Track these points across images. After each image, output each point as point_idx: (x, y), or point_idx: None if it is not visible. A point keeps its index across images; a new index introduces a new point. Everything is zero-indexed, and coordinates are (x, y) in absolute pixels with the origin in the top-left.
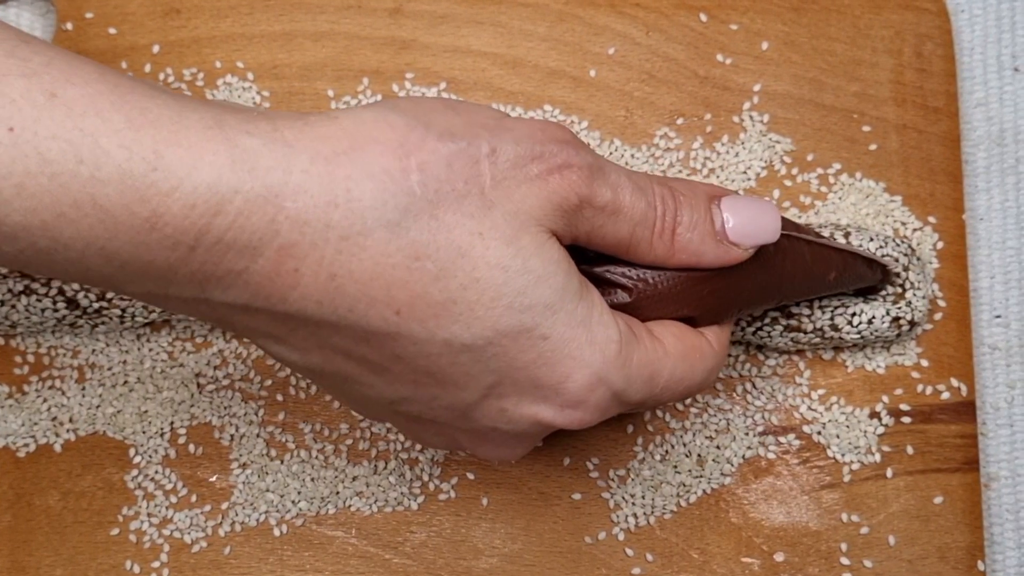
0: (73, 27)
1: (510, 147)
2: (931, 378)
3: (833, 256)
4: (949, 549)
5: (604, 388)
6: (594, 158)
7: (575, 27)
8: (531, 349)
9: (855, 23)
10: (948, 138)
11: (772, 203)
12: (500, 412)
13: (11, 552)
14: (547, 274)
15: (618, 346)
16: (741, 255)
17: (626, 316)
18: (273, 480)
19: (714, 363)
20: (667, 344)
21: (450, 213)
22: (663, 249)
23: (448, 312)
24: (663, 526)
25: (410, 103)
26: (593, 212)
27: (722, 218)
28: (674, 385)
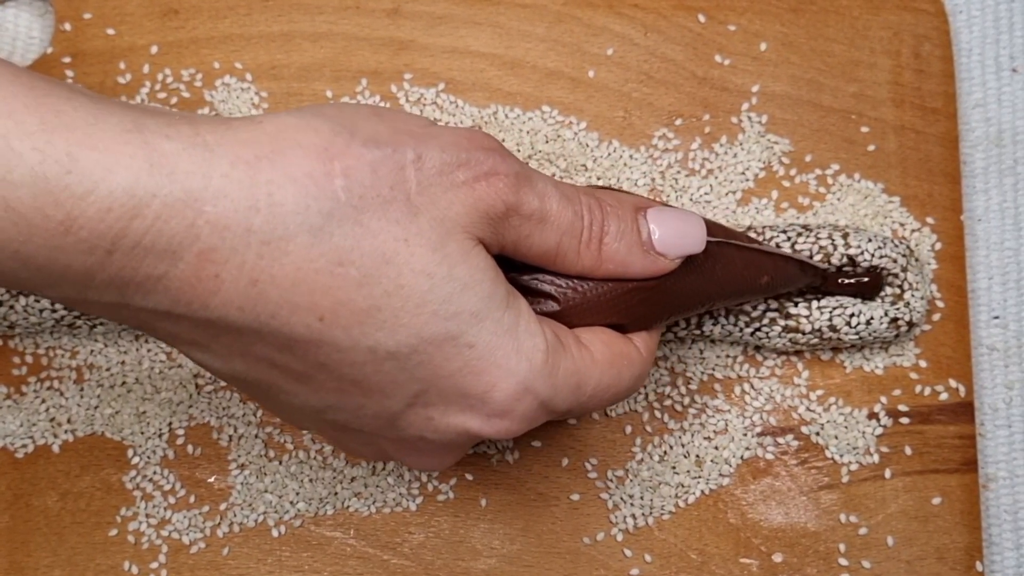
0: (71, 27)
1: (436, 154)
2: (929, 379)
3: (765, 260)
4: (947, 550)
5: (531, 397)
6: (520, 167)
7: (573, 28)
8: (457, 357)
9: (853, 24)
10: (946, 139)
11: (697, 215)
12: (427, 421)
13: (9, 553)
14: (473, 281)
15: (545, 355)
16: (668, 265)
17: (554, 324)
18: (271, 481)
19: (641, 369)
20: (595, 352)
21: (375, 219)
22: (590, 259)
23: (372, 319)
24: (661, 527)
25: (335, 109)
26: (520, 220)
27: (648, 229)
28: (601, 393)
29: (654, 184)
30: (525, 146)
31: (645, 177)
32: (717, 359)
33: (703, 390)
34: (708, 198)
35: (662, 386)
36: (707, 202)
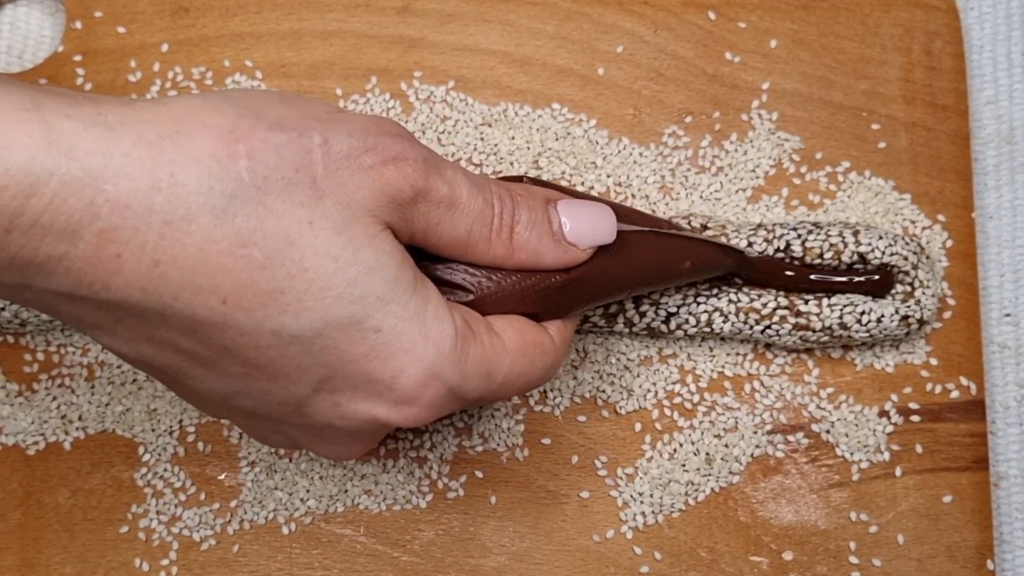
0: (82, 26)
1: (343, 138)
2: (940, 376)
3: (686, 246)
4: (958, 548)
5: (439, 384)
6: (429, 153)
7: (583, 25)
8: (362, 342)
9: (864, 21)
10: (957, 136)
11: (608, 207)
12: (334, 407)
13: (21, 550)
14: (379, 265)
15: (453, 341)
16: (580, 255)
17: (465, 311)
18: (282, 478)
19: (554, 358)
20: (507, 340)
21: (279, 201)
22: (502, 248)
23: (276, 301)
24: (671, 524)
25: (243, 93)
26: (429, 207)
27: (559, 219)
28: (513, 380)
29: (664, 182)
30: (535, 143)
31: (655, 175)
32: (727, 356)
33: (713, 388)
34: (718, 195)
35: (672, 384)
36: (717, 199)
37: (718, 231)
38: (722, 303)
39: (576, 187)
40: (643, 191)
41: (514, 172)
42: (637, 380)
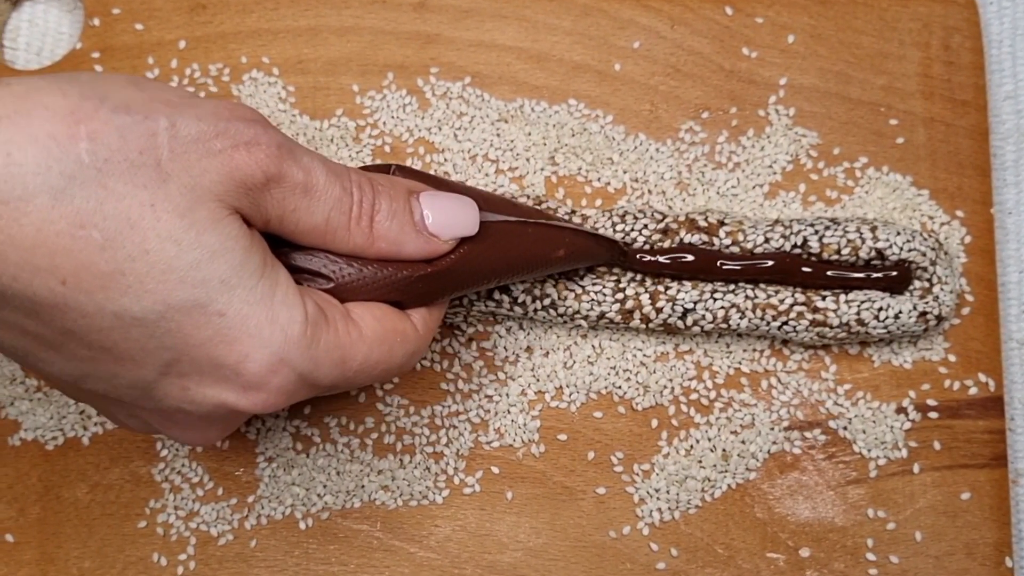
0: (100, 23)
1: (192, 122)
2: (958, 373)
3: (557, 235)
4: (976, 545)
5: (287, 370)
6: (284, 139)
7: (600, 21)
8: (207, 326)
9: (882, 16)
10: (976, 131)
11: (471, 200)
12: (183, 392)
13: (40, 544)
14: (223, 249)
15: (303, 327)
16: (442, 246)
17: (322, 298)
18: (299, 474)
19: (416, 346)
20: (364, 327)
21: (121, 183)
22: (361, 236)
23: (116, 284)
24: (688, 521)
25: (90, 76)
26: (283, 192)
27: (421, 211)
28: (370, 368)
29: (680, 178)
30: (551, 139)
31: (671, 171)
32: (744, 353)
33: (730, 384)
34: (735, 191)
35: (688, 380)
36: (734, 195)
37: (735, 227)
38: (739, 299)
39: (592, 183)
40: (660, 187)
41: (531, 169)
42: (653, 376)
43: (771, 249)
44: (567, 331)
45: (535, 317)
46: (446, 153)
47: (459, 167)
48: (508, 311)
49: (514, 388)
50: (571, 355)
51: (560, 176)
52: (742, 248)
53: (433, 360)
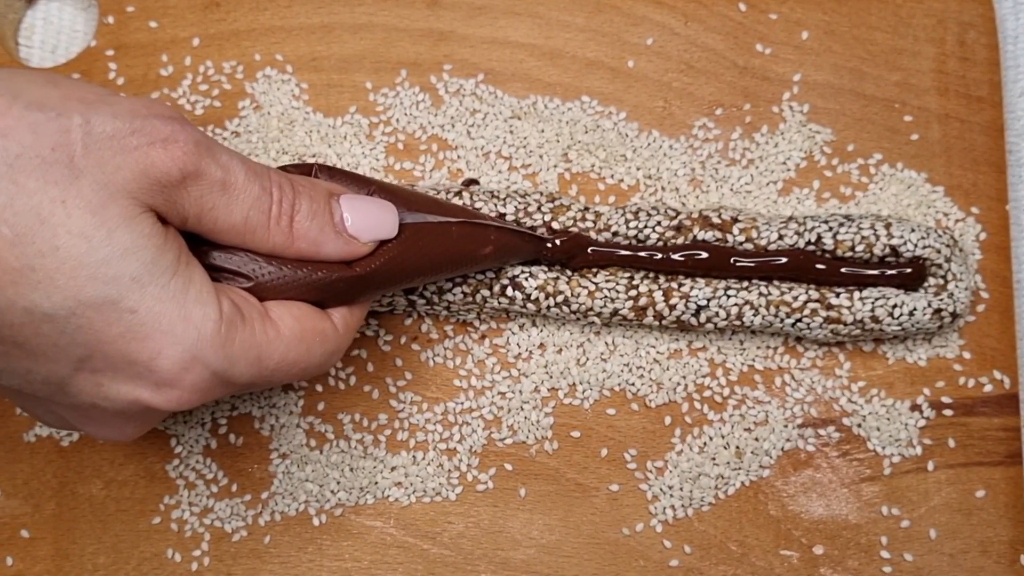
0: (114, 20)
1: (107, 120)
2: (973, 370)
3: (482, 233)
4: (991, 543)
5: (200, 367)
6: (203, 137)
7: (613, 18)
8: (118, 322)
9: (896, 11)
10: (991, 127)
11: (390, 204)
12: (96, 388)
13: (55, 540)
14: (135, 247)
15: (217, 325)
16: (361, 248)
17: (240, 296)
18: (312, 470)
19: (336, 345)
20: (282, 326)
21: (32, 179)
22: (281, 236)
23: (26, 279)
24: (701, 518)
25: (6, 74)
26: (201, 190)
27: (341, 213)
28: (287, 367)
29: (694, 174)
30: (564, 136)
31: (685, 167)
32: (757, 350)
33: (743, 381)
34: (749, 188)
35: (701, 377)
36: (747, 192)
37: (748, 224)
38: (752, 296)
39: (605, 180)
40: (673, 184)
41: (544, 166)
42: (667, 373)
43: (785, 246)
44: (580, 328)
45: (548, 314)
46: (459, 150)
47: (472, 164)
48: (521, 308)
49: (527, 385)
50: (584, 352)
51: (573, 173)
52: (756, 245)
53: (446, 357)
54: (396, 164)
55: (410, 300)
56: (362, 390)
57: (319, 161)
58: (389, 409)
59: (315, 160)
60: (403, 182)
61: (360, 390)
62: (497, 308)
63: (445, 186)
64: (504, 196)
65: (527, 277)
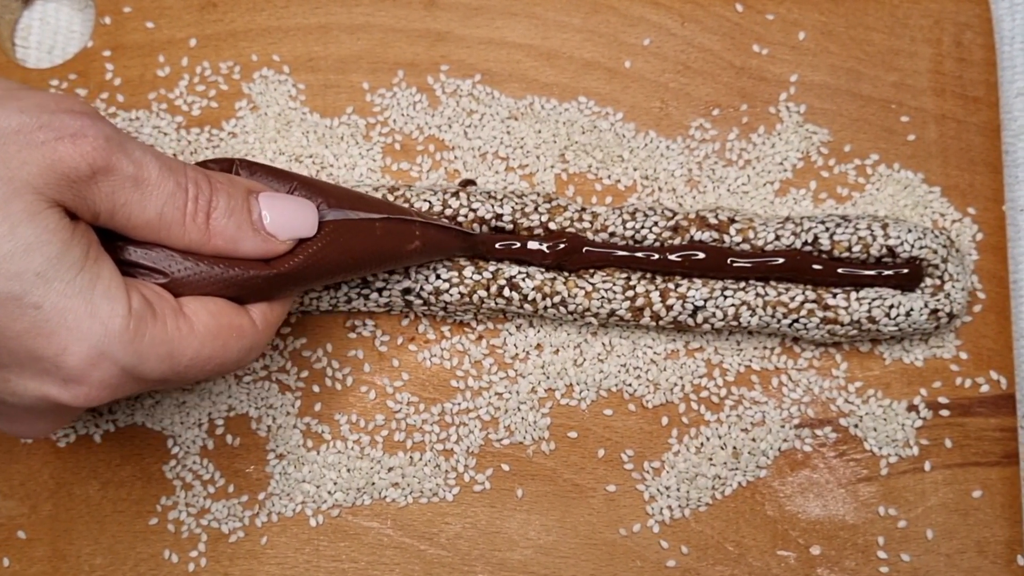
0: (111, 21)
1: (13, 115)
2: (970, 371)
3: (407, 229)
4: (988, 543)
5: (108, 363)
6: (114, 131)
7: (610, 18)
8: (22, 318)
9: (893, 12)
10: (988, 128)
11: (310, 203)
12: (4, 384)
13: (52, 540)
14: (39, 242)
15: (125, 320)
16: (279, 246)
17: (153, 291)
18: (309, 471)
19: (254, 341)
20: (196, 322)
21: None
22: (197, 233)
23: None
24: (698, 518)
25: None
26: (112, 186)
27: (259, 210)
28: (202, 363)
29: (691, 175)
30: (561, 137)
31: (682, 168)
32: (754, 350)
33: (740, 381)
34: (745, 188)
35: (699, 377)
36: (744, 193)
37: (745, 225)
38: (750, 296)
39: (602, 180)
40: (670, 184)
41: (541, 166)
42: (664, 374)
43: (782, 246)
44: (577, 328)
45: (545, 314)
46: (456, 151)
47: (469, 164)
48: (518, 308)
49: (524, 385)
50: (581, 352)
51: (570, 174)
52: (753, 245)
53: (443, 357)
54: (393, 165)
55: (407, 301)
56: (359, 391)
57: (244, 157)
58: (386, 410)
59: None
60: (400, 183)
61: (357, 391)
62: (494, 309)
63: (442, 187)
64: (501, 197)
65: (524, 278)
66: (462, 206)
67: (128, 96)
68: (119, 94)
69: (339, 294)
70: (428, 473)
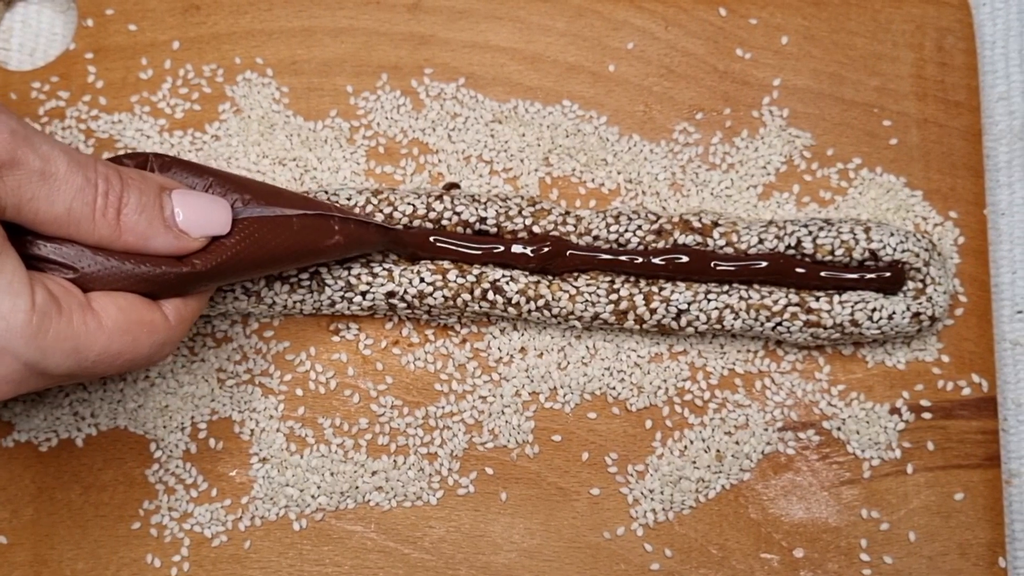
0: (94, 23)
1: None
2: (952, 374)
3: (325, 224)
4: (970, 545)
5: (10, 358)
6: (20, 125)
7: (594, 22)
8: None
9: (875, 17)
10: (969, 132)
11: (224, 201)
12: None
13: (34, 545)
14: None
15: (27, 316)
16: (192, 244)
17: (60, 286)
18: (293, 475)
19: (167, 336)
20: (105, 318)
21: None
22: (107, 229)
23: None
24: (682, 521)
25: None
26: (18, 180)
27: (172, 207)
28: (111, 359)
29: (674, 178)
30: (545, 140)
31: (665, 171)
32: (738, 354)
33: (723, 385)
34: (729, 192)
35: (682, 380)
36: (728, 196)
37: (729, 228)
38: (733, 300)
39: (586, 184)
40: (654, 188)
41: (525, 170)
42: (648, 377)
43: (765, 250)
44: (561, 332)
45: (529, 318)
46: (440, 154)
47: (453, 168)
48: (502, 312)
49: (508, 389)
50: (565, 356)
51: (554, 177)
52: (736, 249)
53: (427, 361)
54: (377, 168)
55: (391, 304)
56: (343, 394)
57: (155, 151)
58: (370, 413)
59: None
60: (384, 186)
61: (341, 394)
62: (478, 312)
63: (426, 190)
64: (485, 200)
65: (508, 281)
66: (446, 209)
67: (111, 99)
68: (101, 97)
69: (322, 297)
70: (412, 477)
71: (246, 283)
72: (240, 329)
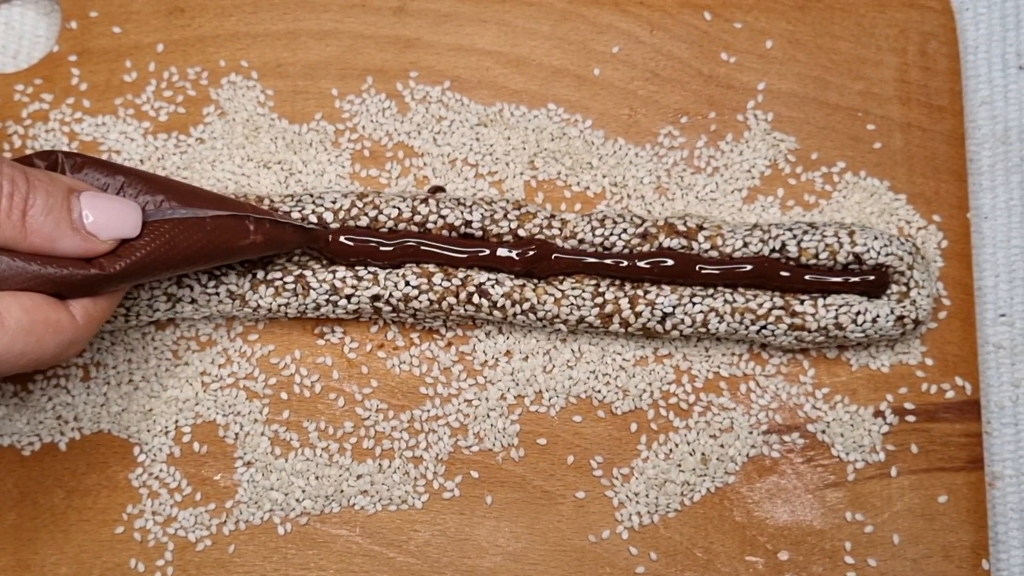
0: (78, 26)
1: None
2: (936, 377)
3: (240, 225)
4: (953, 548)
5: None
6: None
7: (579, 26)
8: None
9: (860, 21)
10: (953, 136)
11: (134, 203)
12: None
13: (16, 550)
14: None
15: None
16: (101, 246)
17: None
18: (277, 478)
19: (74, 336)
20: (8, 318)
21: None
22: (12, 230)
23: None
24: (667, 524)
25: None
26: None
27: (80, 210)
28: (14, 359)
29: (660, 182)
30: (530, 144)
31: (651, 175)
32: (723, 357)
33: (708, 388)
34: (714, 196)
35: (667, 384)
36: (712, 200)
37: (714, 232)
38: (718, 303)
39: (572, 187)
40: (639, 191)
41: (510, 173)
42: (633, 380)
43: (750, 253)
44: (547, 335)
45: (514, 321)
46: (425, 157)
47: (438, 171)
48: (487, 315)
49: (493, 392)
50: (551, 359)
51: (540, 180)
52: (721, 252)
53: (412, 364)
54: (362, 171)
55: (376, 307)
56: (327, 398)
57: (65, 150)
58: (355, 417)
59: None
60: (369, 189)
61: (325, 398)
62: (463, 315)
63: (411, 193)
64: (470, 203)
65: (493, 284)
66: (431, 212)
67: (94, 101)
68: (85, 99)
69: (307, 301)
70: (397, 480)
71: (230, 286)
72: (224, 332)
